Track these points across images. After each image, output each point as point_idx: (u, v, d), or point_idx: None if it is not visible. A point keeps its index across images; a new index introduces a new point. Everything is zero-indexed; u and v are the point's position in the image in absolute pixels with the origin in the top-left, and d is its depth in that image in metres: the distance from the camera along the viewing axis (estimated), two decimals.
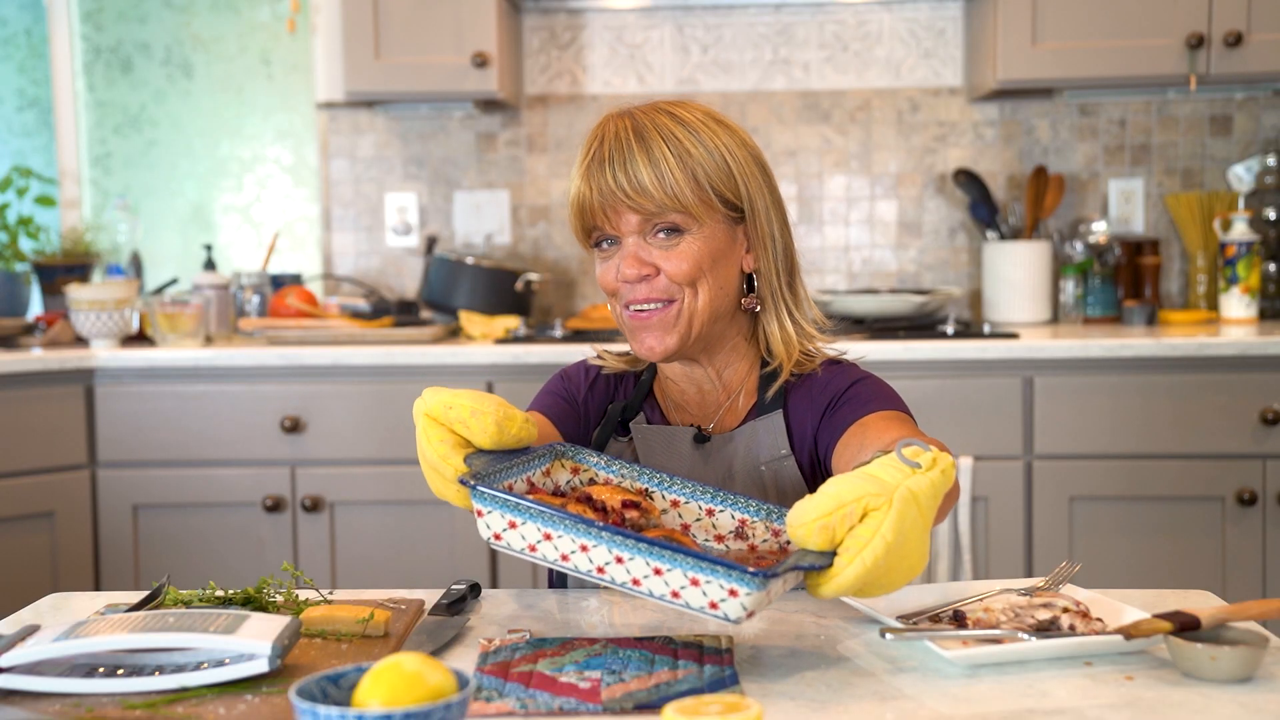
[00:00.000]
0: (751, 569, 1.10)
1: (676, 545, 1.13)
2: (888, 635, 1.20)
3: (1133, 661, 1.19)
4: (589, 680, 1.14)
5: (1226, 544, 2.81)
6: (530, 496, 1.24)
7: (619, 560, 1.15)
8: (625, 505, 1.29)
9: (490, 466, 1.26)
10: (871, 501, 1.12)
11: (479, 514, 1.21)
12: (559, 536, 1.17)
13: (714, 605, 1.12)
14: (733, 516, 1.35)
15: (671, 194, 1.47)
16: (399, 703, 0.89)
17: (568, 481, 1.40)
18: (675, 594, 1.13)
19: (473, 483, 1.21)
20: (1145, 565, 2.81)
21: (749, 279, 1.57)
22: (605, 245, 1.53)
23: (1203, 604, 1.36)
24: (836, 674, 1.17)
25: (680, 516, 1.37)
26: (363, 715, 0.87)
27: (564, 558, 1.17)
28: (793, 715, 1.07)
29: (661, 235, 1.49)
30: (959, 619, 1.27)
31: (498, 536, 1.20)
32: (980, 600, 1.33)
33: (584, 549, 1.16)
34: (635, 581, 1.15)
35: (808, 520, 1.13)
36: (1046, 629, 1.23)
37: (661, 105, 1.53)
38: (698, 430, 1.57)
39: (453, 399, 1.29)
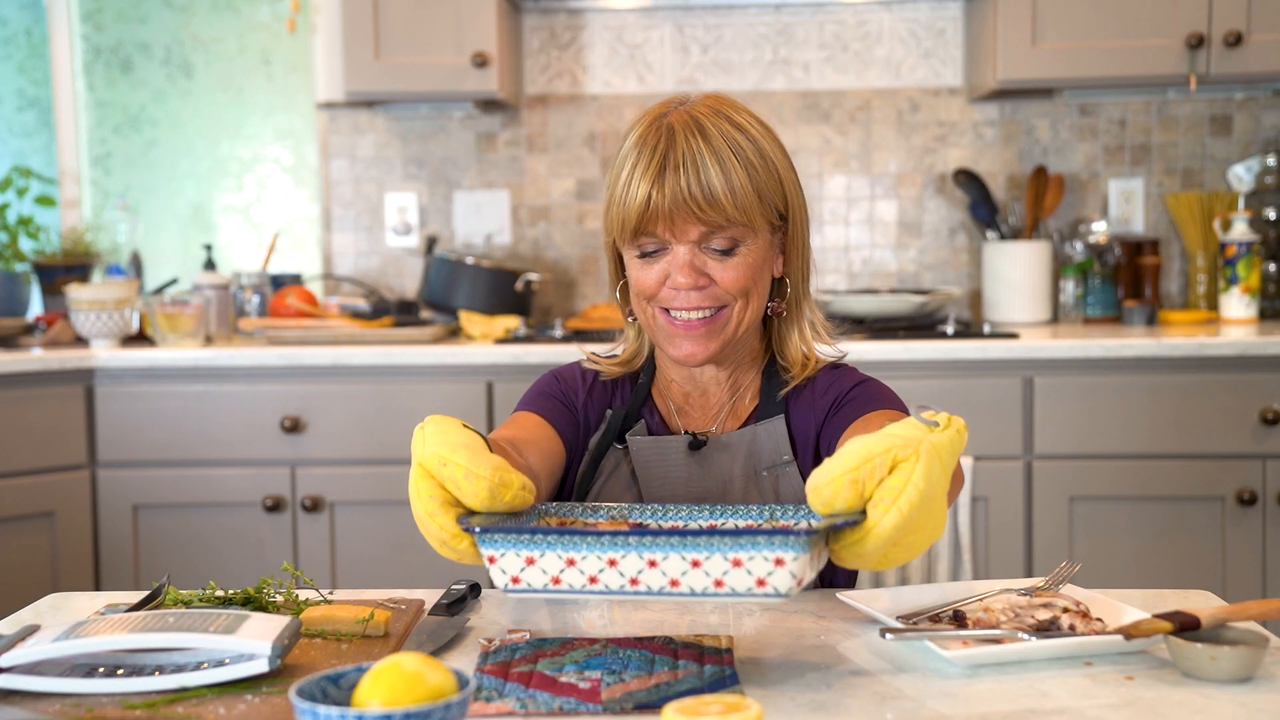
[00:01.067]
0: (796, 530, 1.07)
1: (711, 530, 1.09)
2: (888, 635, 1.20)
3: (1133, 661, 1.19)
4: (589, 680, 1.14)
5: (1226, 544, 2.81)
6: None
7: (652, 564, 1.10)
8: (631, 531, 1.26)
9: (486, 520, 1.20)
10: (899, 453, 1.11)
11: (491, 560, 1.14)
12: (584, 558, 1.11)
13: (761, 582, 1.09)
14: (736, 527, 1.30)
15: (742, 209, 1.45)
16: (399, 703, 0.89)
17: None
18: (719, 583, 1.09)
19: (478, 529, 1.14)
20: (1145, 565, 2.81)
21: (774, 284, 1.57)
22: (652, 253, 1.49)
23: (1203, 604, 1.36)
24: (836, 674, 1.17)
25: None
26: (363, 715, 0.87)
27: (592, 580, 1.12)
28: (793, 715, 1.07)
29: (718, 247, 1.47)
30: (959, 619, 1.27)
31: (516, 580, 1.14)
32: (980, 600, 1.32)
33: (613, 563, 1.11)
34: (673, 583, 1.10)
35: (836, 475, 1.11)
36: (1046, 629, 1.23)
37: (712, 105, 1.51)
38: (693, 438, 1.54)
39: (450, 455, 1.20)
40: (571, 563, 1.12)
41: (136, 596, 1.43)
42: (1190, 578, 2.77)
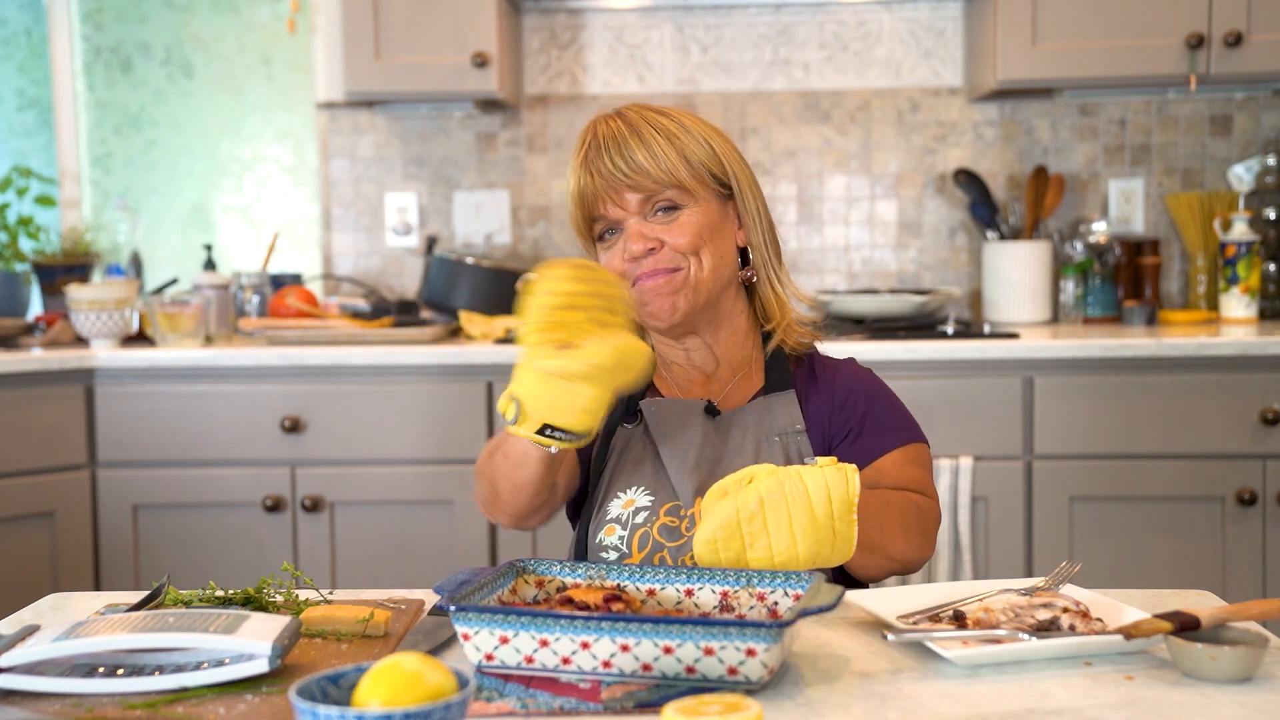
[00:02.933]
0: (766, 622, 1.08)
1: (683, 618, 1.11)
2: (888, 635, 1.20)
3: (1133, 661, 1.19)
4: (589, 680, 1.14)
5: (1226, 544, 2.81)
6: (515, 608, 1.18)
7: (625, 649, 1.12)
8: (608, 599, 1.25)
9: (461, 591, 1.20)
10: (756, 471, 1.29)
11: (465, 638, 1.16)
12: (557, 640, 1.13)
13: (733, 671, 1.10)
14: (713, 591, 1.29)
15: (666, 170, 1.56)
16: (399, 703, 0.89)
17: (534, 596, 1.33)
18: (690, 669, 1.11)
19: (453, 606, 1.15)
20: (1145, 565, 2.81)
21: (743, 254, 1.65)
22: (608, 236, 1.61)
23: (1203, 604, 1.36)
24: (836, 674, 1.17)
25: (660, 604, 1.31)
26: (363, 715, 0.87)
27: (565, 661, 1.13)
28: (793, 715, 1.07)
29: (660, 213, 1.58)
30: (959, 619, 1.27)
31: (489, 657, 1.16)
32: (980, 600, 1.33)
33: (585, 646, 1.12)
34: (646, 667, 1.12)
35: (709, 491, 1.30)
36: (1046, 629, 1.23)
37: (638, 107, 1.62)
38: (709, 404, 1.60)
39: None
40: (545, 644, 1.14)
41: (136, 596, 1.43)
42: (1190, 578, 2.77)
